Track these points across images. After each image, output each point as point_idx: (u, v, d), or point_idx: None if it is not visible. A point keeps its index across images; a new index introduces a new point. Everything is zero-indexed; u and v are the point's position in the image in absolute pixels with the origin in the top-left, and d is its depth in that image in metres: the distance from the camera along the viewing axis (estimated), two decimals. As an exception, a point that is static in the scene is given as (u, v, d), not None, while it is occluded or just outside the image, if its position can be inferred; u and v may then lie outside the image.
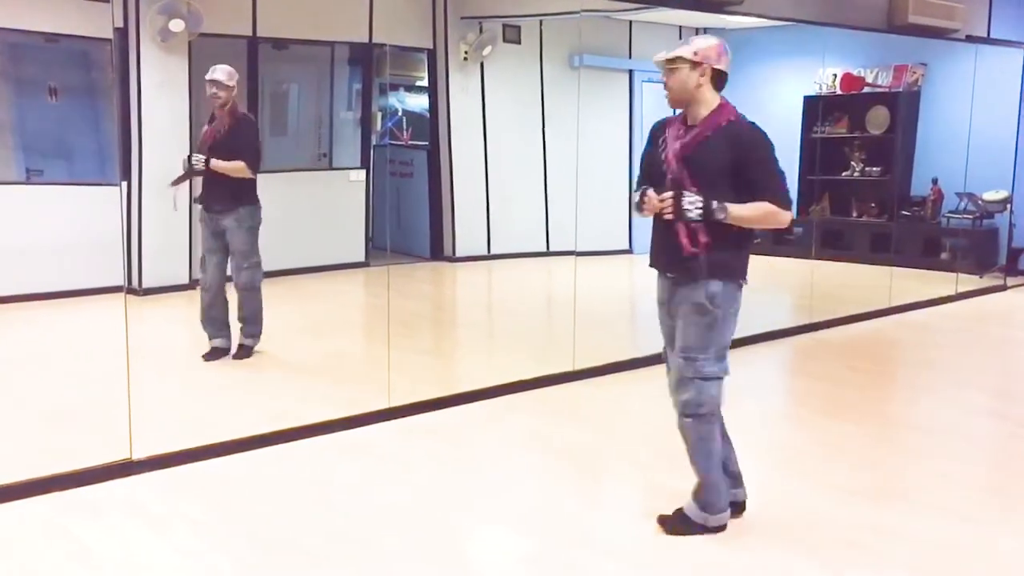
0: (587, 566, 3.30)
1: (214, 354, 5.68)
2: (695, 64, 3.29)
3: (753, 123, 3.35)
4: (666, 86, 3.37)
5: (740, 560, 3.34)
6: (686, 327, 3.37)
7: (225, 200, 5.54)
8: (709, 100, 3.33)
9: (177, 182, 5.58)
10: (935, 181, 9.15)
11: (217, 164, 5.48)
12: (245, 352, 5.72)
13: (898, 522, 3.66)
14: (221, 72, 5.46)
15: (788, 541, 3.46)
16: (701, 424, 3.39)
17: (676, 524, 3.50)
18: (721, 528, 3.48)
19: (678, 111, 3.43)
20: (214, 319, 5.69)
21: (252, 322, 5.75)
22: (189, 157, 5.52)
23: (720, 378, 3.39)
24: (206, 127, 5.58)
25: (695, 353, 3.35)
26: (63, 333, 6.24)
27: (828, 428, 4.85)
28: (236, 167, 5.47)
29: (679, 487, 3.81)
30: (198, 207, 5.77)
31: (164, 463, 4.06)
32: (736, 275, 3.36)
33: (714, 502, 3.46)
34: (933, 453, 4.55)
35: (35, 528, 3.51)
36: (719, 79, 3.34)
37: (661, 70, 3.38)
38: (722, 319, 3.35)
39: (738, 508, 3.59)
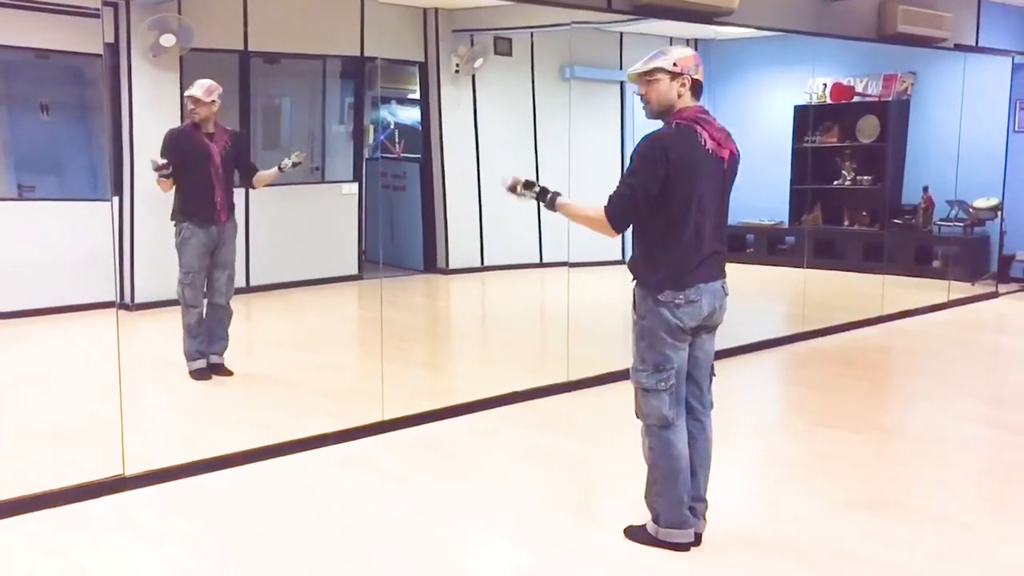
0: (583, 578, 3.29)
1: (208, 371, 5.60)
2: (675, 75, 3.31)
3: (658, 131, 3.32)
4: (644, 98, 3.38)
5: (736, 572, 3.33)
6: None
7: (229, 212, 5.52)
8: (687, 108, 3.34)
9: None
10: (926, 189, 9.19)
11: (265, 176, 5.63)
12: (227, 371, 5.67)
13: (896, 531, 3.66)
14: (204, 86, 5.45)
15: (785, 552, 3.46)
16: (647, 434, 3.44)
17: (635, 531, 3.53)
18: (677, 546, 3.41)
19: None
20: (199, 335, 5.60)
21: (226, 336, 5.71)
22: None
23: (661, 391, 3.35)
24: (210, 144, 5.45)
25: (635, 362, 3.43)
26: (55, 349, 6.21)
27: (822, 437, 4.85)
28: (271, 174, 5.61)
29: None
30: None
31: (157, 479, 4.04)
32: (649, 286, 3.33)
33: (664, 515, 3.43)
34: (929, 461, 4.55)
35: (27, 545, 3.49)
36: (699, 88, 3.37)
37: (637, 83, 3.39)
38: (649, 331, 3.35)
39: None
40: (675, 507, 3.41)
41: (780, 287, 8.76)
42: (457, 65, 9.19)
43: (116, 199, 6.70)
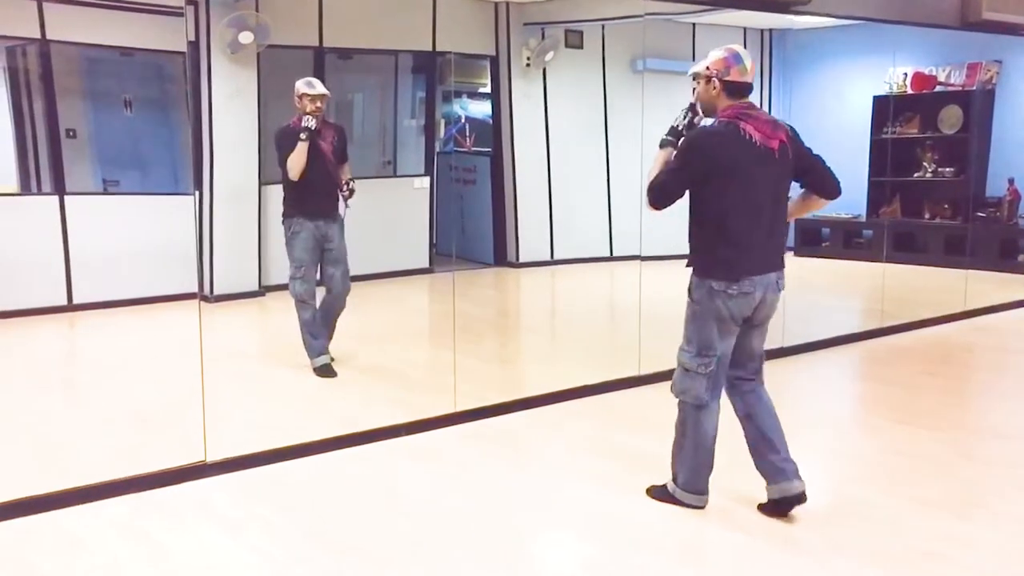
0: (652, 571, 3.27)
1: (332, 369, 5.57)
2: (708, 78, 3.50)
3: (705, 127, 3.51)
4: None
5: (814, 570, 3.28)
6: None
7: (334, 208, 5.54)
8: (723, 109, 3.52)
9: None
10: (1011, 181, 8.88)
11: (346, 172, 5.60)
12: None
13: (978, 532, 3.56)
14: (321, 85, 5.41)
15: (864, 552, 3.39)
16: (681, 409, 3.66)
17: (656, 491, 3.81)
18: (689, 506, 3.68)
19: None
20: (319, 331, 5.57)
21: (332, 331, 5.71)
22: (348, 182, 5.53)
23: (699, 373, 3.53)
24: (321, 141, 5.39)
25: (683, 340, 3.61)
26: (139, 339, 6.41)
27: (903, 435, 4.74)
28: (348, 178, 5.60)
29: (745, 491, 3.76)
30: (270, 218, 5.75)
31: (237, 466, 4.14)
32: (703, 273, 3.49)
33: (683, 478, 3.69)
34: (1013, 461, 4.41)
35: (112, 529, 3.61)
36: (734, 88, 3.48)
37: None
38: (700, 316, 3.52)
39: (787, 502, 3.60)
40: (695, 474, 3.67)
41: (857, 282, 8.58)
42: (528, 58, 9.19)
43: (196, 193, 6.89)
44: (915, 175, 9.13)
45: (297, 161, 5.32)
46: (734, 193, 3.41)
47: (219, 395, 4.38)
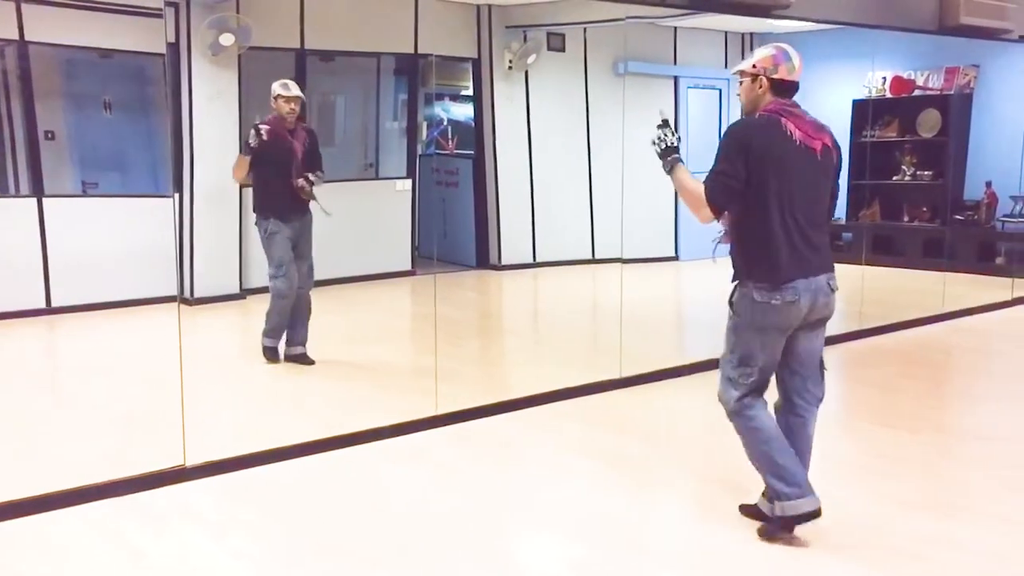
0: (637, 571, 3.27)
1: (277, 355, 5.74)
2: (754, 76, 3.40)
3: (742, 120, 3.44)
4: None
5: (797, 571, 3.29)
6: None
7: (304, 208, 5.67)
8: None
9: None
10: (989, 184, 8.97)
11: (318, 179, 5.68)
12: (309, 360, 5.79)
13: (960, 533, 3.58)
14: (297, 87, 5.56)
15: (847, 553, 3.40)
16: (731, 420, 3.47)
17: (763, 529, 3.48)
18: (797, 518, 3.37)
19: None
20: (292, 324, 5.73)
21: (307, 326, 5.83)
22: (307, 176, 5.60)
23: (740, 383, 3.39)
24: (293, 142, 5.54)
25: (724, 351, 3.47)
26: (119, 342, 6.35)
27: (885, 437, 4.76)
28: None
29: (728, 493, 3.77)
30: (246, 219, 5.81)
31: (217, 470, 4.10)
32: (744, 278, 3.36)
33: (775, 490, 3.37)
34: (993, 462, 4.44)
35: (92, 532, 3.57)
36: (781, 87, 3.39)
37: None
38: (743, 328, 3.38)
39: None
40: (783, 476, 3.36)
41: (837, 284, 8.61)
42: (510, 61, 9.19)
43: (176, 195, 6.84)
44: (894, 178, 9.20)
45: (237, 171, 5.61)
46: (770, 189, 3.25)
47: (200, 398, 4.35)
